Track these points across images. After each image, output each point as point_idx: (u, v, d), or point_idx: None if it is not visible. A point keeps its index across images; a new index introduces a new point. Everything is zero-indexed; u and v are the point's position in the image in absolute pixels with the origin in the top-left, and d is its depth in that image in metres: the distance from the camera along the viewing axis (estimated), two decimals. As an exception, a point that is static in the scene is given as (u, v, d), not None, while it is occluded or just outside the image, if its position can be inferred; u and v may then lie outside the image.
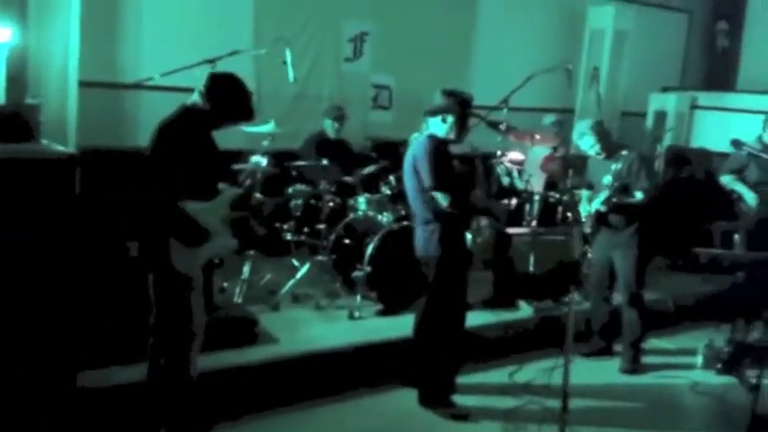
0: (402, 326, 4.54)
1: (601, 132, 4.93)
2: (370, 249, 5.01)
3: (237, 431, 3.83)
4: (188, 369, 3.45)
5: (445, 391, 4.20)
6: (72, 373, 3.55)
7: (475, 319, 5.07)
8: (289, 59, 5.48)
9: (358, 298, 5.00)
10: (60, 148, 3.33)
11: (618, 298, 5.11)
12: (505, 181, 6.79)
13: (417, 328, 4.21)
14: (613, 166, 4.80)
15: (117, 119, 6.11)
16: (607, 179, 4.88)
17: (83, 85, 5.46)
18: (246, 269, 5.08)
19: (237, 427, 3.84)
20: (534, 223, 6.39)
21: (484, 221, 4.26)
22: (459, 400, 4.25)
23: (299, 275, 5.22)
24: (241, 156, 5.31)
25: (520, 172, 6.68)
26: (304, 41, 6.80)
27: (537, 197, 6.57)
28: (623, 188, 4.83)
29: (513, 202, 4.79)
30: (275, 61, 5.73)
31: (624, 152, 4.86)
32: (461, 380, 4.44)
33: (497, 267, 5.77)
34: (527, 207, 6.65)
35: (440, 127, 4.01)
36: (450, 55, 7.81)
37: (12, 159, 2.89)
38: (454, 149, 4.26)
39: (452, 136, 4.02)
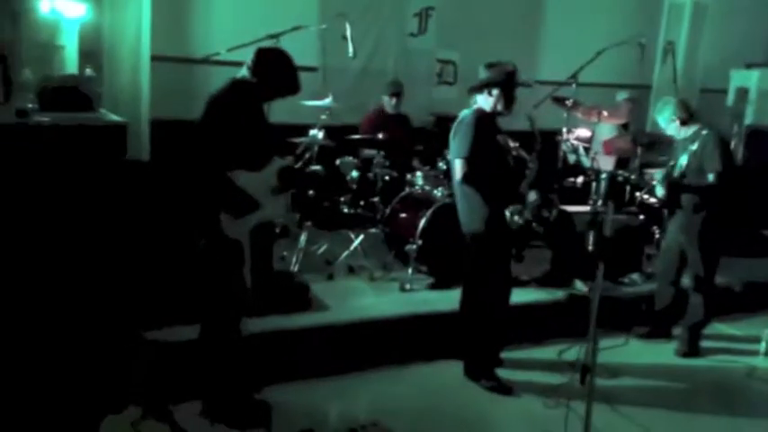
0: (451, 299, 4.56)
1: (682, 109, 4.76)
2: (422, 223, 5.06)
3: (285, 393, 3.95)
4: (235, 333, 3.60)
5: (490, 364, 4.23)
6: (141, 328, 3.81)
7: (527, 295, 5.08)
8: (349, 34, 5.56)
9: (410, 271, 5.07)
10: (114, 117, 3.49)
11: (686, 282, 4.99)
12: (572, 158, 6.68)
13: (461, 302, 4.25)
14: (691, 146, 4.68)
15: (188, 92, 6.32)
16: (683, 159, 4.77)
17: (155, 59, 5.70)
18: (303, 239, 5.23)
19: (285, 389, 3.97)
20: (600, 202, 6.27)
21: (533, 196, 4.21)
22: (505, 374, 4.28)
23: (352, 247, 5.33)
24: (301, 130, 5.44)
25: (587, 149, 6.55)
26: (369, 17, 6.85)
27: (604, 175, 6.44)
28: (699, 169, 4.70)
29: (580, 180, 4.70)
30: (339, 37, 5.83)
31: (704, 132, 4.70)
32: (510, 355, 4.47)
33: (556, 245, 5.74)
34: (593, 185, 6.52)
35: (486, 101, 4.02)
36: (518, 29, 7.69)
37: (68, 126, 3.08)
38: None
39: (500, 107, 4.01)
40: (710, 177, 4.64)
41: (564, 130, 6.39)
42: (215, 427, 3.60)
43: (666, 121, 4.81)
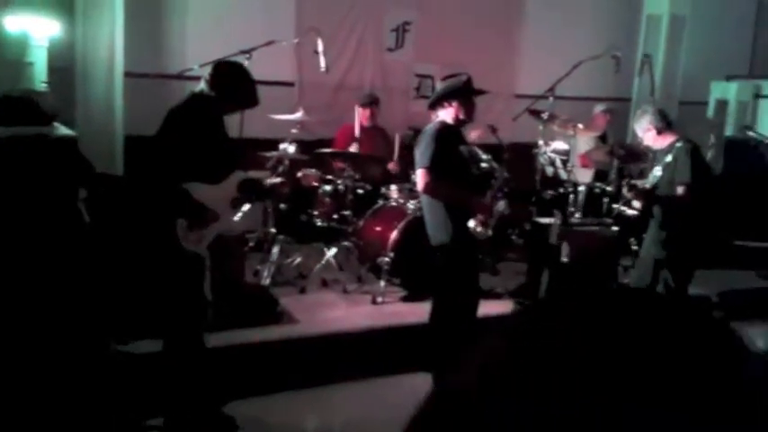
0: (423, 311, 4.54)
1: (658, 118, 4.76)
2: (394, 236, 5.06)
3: (251, 408, 3.93)
4: (196, 346, 3.59)
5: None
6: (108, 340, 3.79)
7: (497, 307, 5.07)
8: (321, 49, 5.59)
9: (382, 284, 5.07)
10: (65, 130, 3.48)
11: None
12: (549, 171, 6.72)
13: (430, 314, 4.24)
14: (665, 158, 4.69)
15: (162, 108, 6.35)
16: (657, 170, 4.77)
17: (128, 75, 5.73)
18: (276, 252, 5.23)
19: (252, 404, 3.95)
20: (578, 215, 6.27)
21: (501, 206, 4.21)
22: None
23: (324, 260, 5.33)
24: (273, 144, 5.45)
25: (564, 162, 6.58)
26: (345, 32, 6.90)
27: (581, 188, 6.45)
28: (671, 181, 4.70)
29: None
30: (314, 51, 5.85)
31: (678, 144, 4.71)
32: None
33: (532, 257, 5.74)
34: (571, 198, 6.54)
35: (447, 113, 4.03)
36: (496, 43, 7.76)
37: (12, 138, 3.07)
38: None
39: (462, 116, 4.02)
40: (679, 190, 4.65)
41: (540, 142, 6.43)
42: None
43: (643, 130, 4.82)
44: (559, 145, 6.63)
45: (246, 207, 3.73)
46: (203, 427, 3.61)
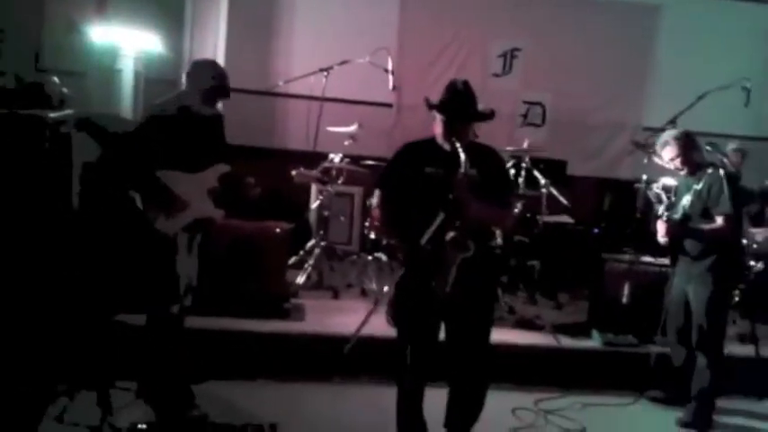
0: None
1: (685, 144, 4.33)
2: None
3: (227, 390, 4.17)
4: (171, 323, 3.91)
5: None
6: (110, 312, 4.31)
7: (533, 339, 4.92)
8: (390, 67, 5.78)
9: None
10: (56, 114, 3.92)
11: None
12: (658, 209, 6.18)
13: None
14: (696, 186, 4.25)
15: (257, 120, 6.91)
16: (686, 200, 4.33)
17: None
18: (317, 253, 5.49)
19: (223, 387, 4.18)
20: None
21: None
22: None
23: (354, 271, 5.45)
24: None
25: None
26: (448, 57, 7.00)
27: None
28: (704, 211, 4.23)
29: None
30: (415, 73, 5.99)
31: (709, 170, 4.24)
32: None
33: (592, 292, 5.37)
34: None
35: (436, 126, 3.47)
36: (621, 73, 7.32)
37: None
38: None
39: (440, 131, 3.38)
40: (719, 221, 4.12)
41: (644, 177, 5.95)
42: (146, 408, 3.92)
43: (668, 158, 4.38)
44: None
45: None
46: (171, 400, 3.90)
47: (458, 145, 3.20)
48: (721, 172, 4.22)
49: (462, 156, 3.16)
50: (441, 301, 3.22)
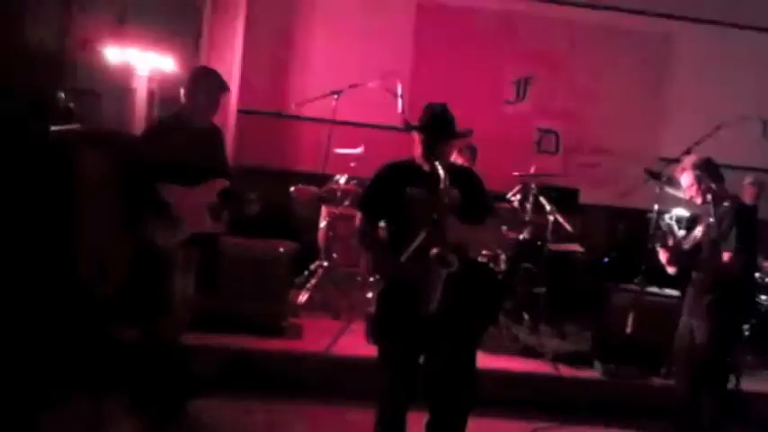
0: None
1: (703, 173, 4.24)
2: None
3: (221, 407, 4.18)
4: (167, 337, 3.94)
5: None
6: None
7: (532, 367, 4.88)
8: (399, 92, 5.82)
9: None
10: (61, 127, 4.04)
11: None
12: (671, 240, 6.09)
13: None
14: (710, 218, 4.15)
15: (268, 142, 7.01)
16: (699, 231, 4.25)
17: (240, 112, 6.49)
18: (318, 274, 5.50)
19: (218, 403, 4.18)
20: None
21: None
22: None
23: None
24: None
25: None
26: (461, 82, 7.03)
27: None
28: (713, 245, 4.14)
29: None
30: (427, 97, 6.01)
31: (726, 203, 4.14)
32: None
33: (595, 321, 5.29)
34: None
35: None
36: (636, 101, 7.29)
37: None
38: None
39: (419, 152, 3.34)
40: (725, 257, 4.03)
41: (655, 206, 5.88)
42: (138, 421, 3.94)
43: (685, 185, 4.29)
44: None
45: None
46: (162, 413, 3.92)
47: (437, 164, 3.21)
48: (732, 206, 4.10)
49: (442, 173, 3.16)
50: (424, 319, 3.20)
